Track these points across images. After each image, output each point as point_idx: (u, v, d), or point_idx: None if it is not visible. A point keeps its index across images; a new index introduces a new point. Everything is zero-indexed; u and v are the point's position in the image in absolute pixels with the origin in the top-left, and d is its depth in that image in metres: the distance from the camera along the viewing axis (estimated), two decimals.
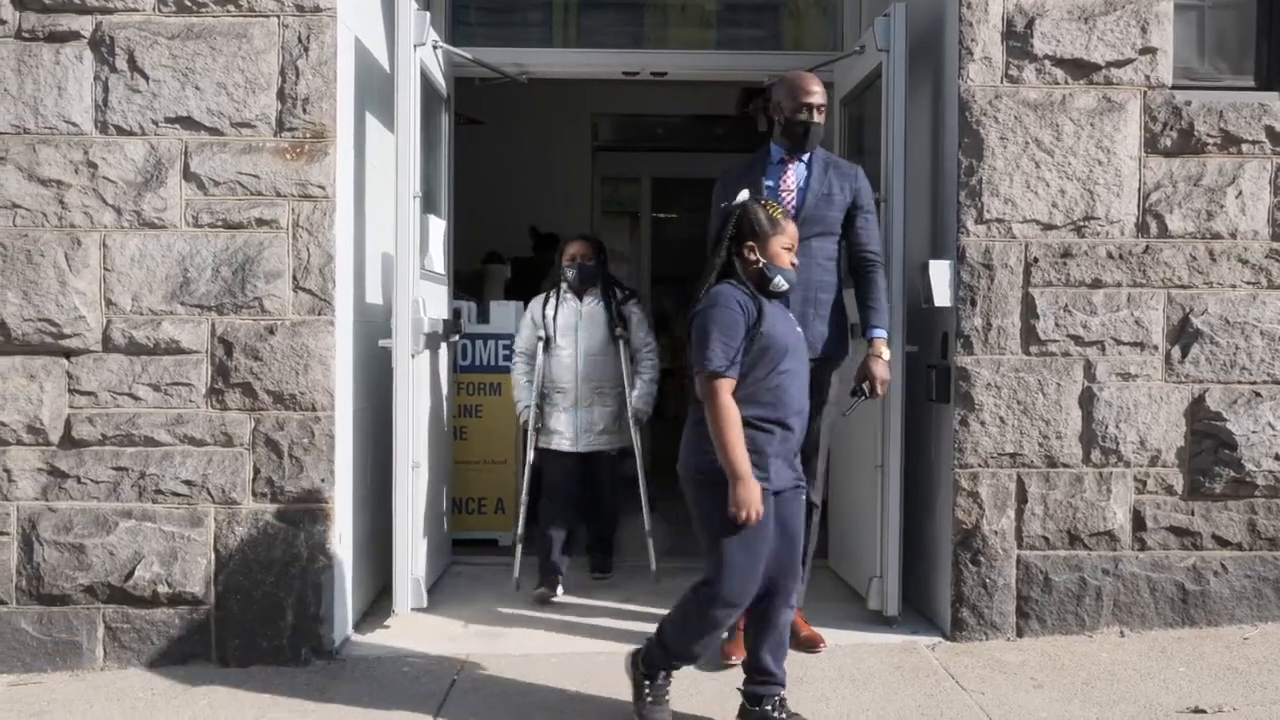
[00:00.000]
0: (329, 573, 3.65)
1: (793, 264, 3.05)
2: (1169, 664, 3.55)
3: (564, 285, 4.52)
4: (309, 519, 3.63)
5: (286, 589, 3.62)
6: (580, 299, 4.49)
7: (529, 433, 4.48)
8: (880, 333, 3.58)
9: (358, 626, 3.96)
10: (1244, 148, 3.87)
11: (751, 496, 2.78)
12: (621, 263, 9.79)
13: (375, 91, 4.18)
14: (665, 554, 4.62)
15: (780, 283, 3.01)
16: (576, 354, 4.43)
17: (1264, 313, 3.85)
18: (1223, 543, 3.85)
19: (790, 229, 3.07)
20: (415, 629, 3.92)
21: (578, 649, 3.75)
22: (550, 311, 4.49)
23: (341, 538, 3.75)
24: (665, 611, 3.10)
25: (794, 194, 3.64)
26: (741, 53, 5.18)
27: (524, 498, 4.53)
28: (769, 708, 3.02)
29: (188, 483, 3.63)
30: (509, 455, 5.19)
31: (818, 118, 3.63)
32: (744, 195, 3.09)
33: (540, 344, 4.47)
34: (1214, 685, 3.35)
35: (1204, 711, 3.13)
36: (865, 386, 3.52)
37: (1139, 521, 3.84)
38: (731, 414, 2.83)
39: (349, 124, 3.86)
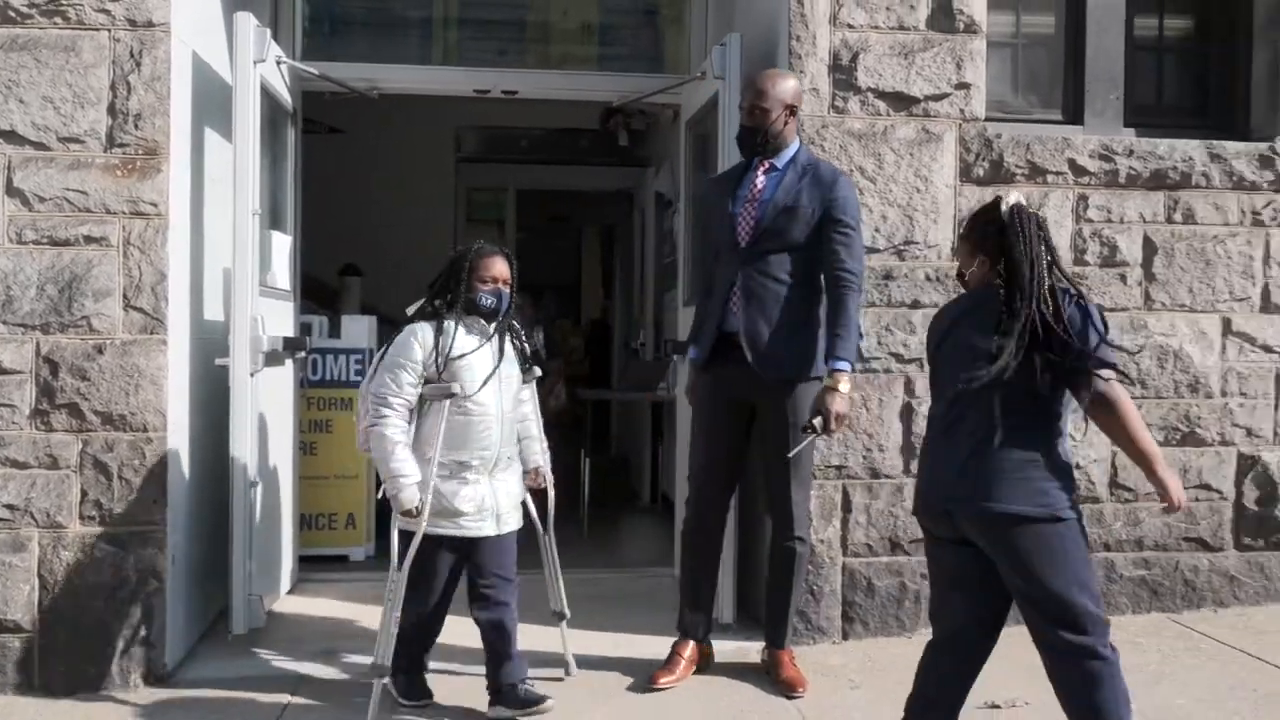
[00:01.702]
0: (161, 596, 3.60)
1: None
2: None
3: (464, 315, 3.32)
4: (139, 542, 3.57)
5: (115, 614, 3.55)
6: (487, 333, 3.35)
7: (415, 516, 3.18)
8: (842, 365, 3.35)
9: (194, 649, 3.91)
10: (1049, 178, 4.16)
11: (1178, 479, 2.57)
12: None
13: (215, 107, 4.13)
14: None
15: None
16: (500, 409, 3.29)
17: None
18: None
19: None
20: (253, 650, 3.89)
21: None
22: (457, 350, 3.24)
23: (175, 560, 3.70)
24: None
25: (756, 204, 3.53)
26: (589, 73, 5.29)
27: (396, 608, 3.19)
28: None
29: (9, 506, 3.53)
30: (360, 470, 5.19)
31: (748, 120, 3.53)
32: (1014, 198, 2.64)
33: (426, 394, 3.25)
34: (1015, 681, 3.57)
35: (999, 706, 3.36)
36: (817, 422, 3.31)
37: None
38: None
39: (185, 140, 3.82)
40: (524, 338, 3.53)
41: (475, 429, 3.25)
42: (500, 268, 3.36)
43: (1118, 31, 4.37)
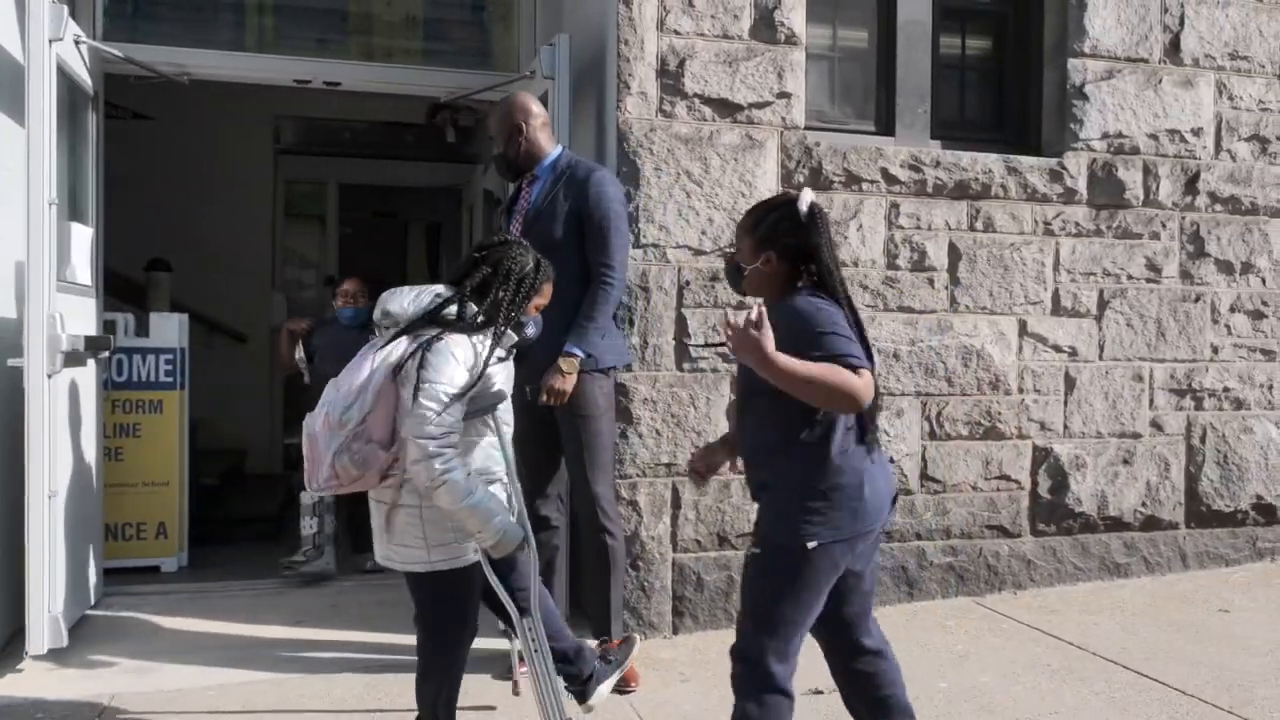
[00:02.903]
0: None
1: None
2: (803, 650, 3.92)
3: (503, 333, 2.82)
4: None
5: None
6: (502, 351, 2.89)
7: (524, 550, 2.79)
8: (574, 350, 3.54)
9: None
10: (864, 186, 4.37)
11: None
12: (309, 268, 9.51)
13: (5, 89, 3.84)
14: None
15: None
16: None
17: (880, 332, 4.36)
18: None
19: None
20: (54, 671, 3.64)
21: (236, 680, 3.62)
22: (493, 372, 2.77)
23: None
24: None
25: (522, 213, 3.70)
26: (416, 67, 5.20)
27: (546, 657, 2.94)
28: None
29: None
30: (171, 477, 4.93)
31: (495, 150, 3.77)
32: (811, 196, 2.53)
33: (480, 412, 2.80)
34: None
35: (821, 692, 3.49)
36: (529, 390, 3.55)
37: None
38: None
39: None
40: None
41: (508, 445, 2.92)
42: (550, 293, 3.03)
43: (925, 49, 4.62)
